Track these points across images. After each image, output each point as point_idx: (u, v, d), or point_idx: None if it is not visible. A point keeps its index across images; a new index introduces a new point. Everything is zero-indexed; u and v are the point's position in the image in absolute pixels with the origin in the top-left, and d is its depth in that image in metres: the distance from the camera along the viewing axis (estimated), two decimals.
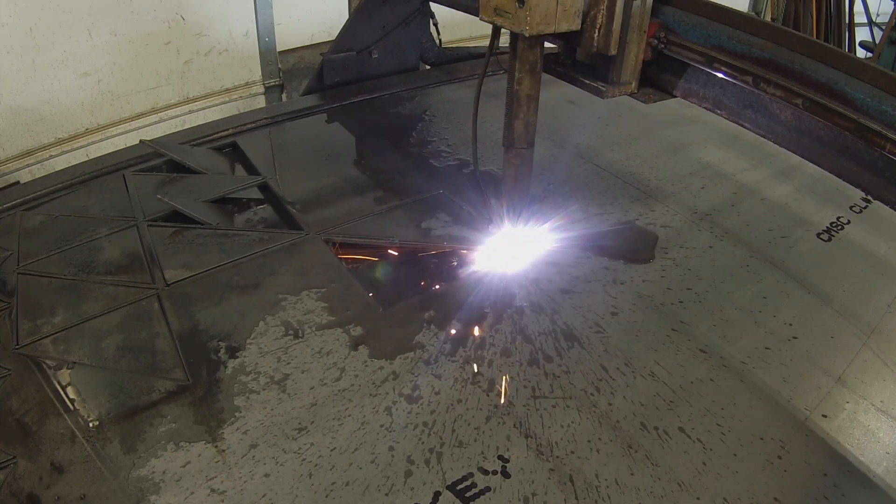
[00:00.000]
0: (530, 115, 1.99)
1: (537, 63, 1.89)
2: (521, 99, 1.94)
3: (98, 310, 1.98)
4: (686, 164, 2.91)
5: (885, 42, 6.00)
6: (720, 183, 2.78)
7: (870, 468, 1.65)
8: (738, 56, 1.79)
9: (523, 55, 1.85)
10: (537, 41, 1.83)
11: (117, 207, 2.45)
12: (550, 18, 1.70)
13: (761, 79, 1.75)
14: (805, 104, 1.68)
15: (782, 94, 1.72)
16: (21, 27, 3.54)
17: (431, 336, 1.93)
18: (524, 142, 2.04)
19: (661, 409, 1.74)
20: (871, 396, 1.84)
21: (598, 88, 1.95)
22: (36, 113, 3.80)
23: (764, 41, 1.76)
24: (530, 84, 1.91)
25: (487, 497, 1.50)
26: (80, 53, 3.82)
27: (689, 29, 1.88)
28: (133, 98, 4.17)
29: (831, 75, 1.65)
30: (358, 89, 3.44)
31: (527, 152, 2.08)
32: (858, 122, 1.59)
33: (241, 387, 1.75)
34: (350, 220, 2.40)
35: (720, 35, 1.82)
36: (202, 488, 1.50)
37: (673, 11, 1.92)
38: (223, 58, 4.46)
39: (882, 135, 1.56)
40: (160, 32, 4.08)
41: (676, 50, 1.92)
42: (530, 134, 2.04)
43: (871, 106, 1.58)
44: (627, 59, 1.86)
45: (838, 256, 2.39)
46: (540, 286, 2.14)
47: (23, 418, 1.67)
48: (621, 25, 1.80)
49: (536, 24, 1.68)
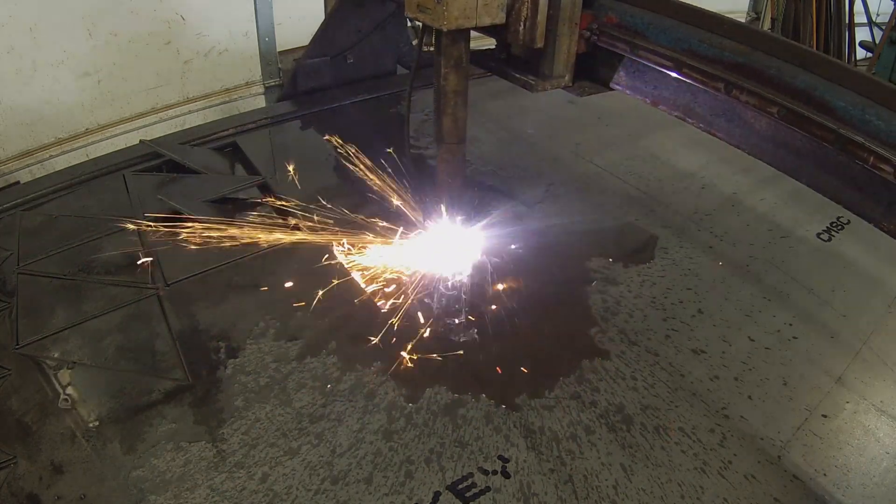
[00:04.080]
0: (458, 111, 1.96)
1: (462, 58, 1.86)
2: (448, 95, 1.92)
3: (98, 310, 1.98)
4: (686, 163, 2.91)
5: (885, 42, 5.99)
6: (720, 183, 2.78)
7: (870, 468, 1.65)
8: (710, 60, 1.66)
9: (447, 51, 1.83)
10: (460, 36, 1.81)
11: (117, 207, 2.45)
12: (470, 13, 1.69)
13: (734, 85, 1.61)
14: (781, 113, 1.54)
15: (756, 101, 1.58)
16: (21, 27, 3.54)
17: (431, 335, 1.93)
18: (454, 137, 2.00)
19: (662, 409, 1.74)
20: (871, 396, 1.84)
21: (528, 82, 1.92)
22: (36, 113, 3.79)
23: (737, 44, 1.64)
24: (456, 80, 1.89)
25: (487, 497, 1.50)
26: (80, 53, 3.81)
27: (658, 32, 1.76)
28: (133, 98, 4.16)
29: (810, 81, 1.52)
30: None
31: (457, 148, 2.03)
32: (839, 133, 1.45)
33: (241, 387, 1.75)
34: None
35: (691, 38, 1.70)
36: (202, 488, 1.50)
37: (632, 10, 1.80)
38: (223, 58, 4.46)
39: (865, 147, 1.42)
40: (160, 32, 4.08)
41: (608, 41, 1.83)
42: (460, 129, 2.00)
43: (853, 115, 1.44)
44: (559, 52, 1.83)
45: (838, 256, 2.39)
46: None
47: (23, 418, 1.67)
48: (549, 18, 1.76)
49: (454, 18, 1.68)
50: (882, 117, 1.41)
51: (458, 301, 2.05)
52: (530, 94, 2.25)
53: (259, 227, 2.24)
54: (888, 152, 1.39)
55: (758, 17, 7.29)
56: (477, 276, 2.15)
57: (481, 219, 2.30)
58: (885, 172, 1.40)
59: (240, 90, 4.64)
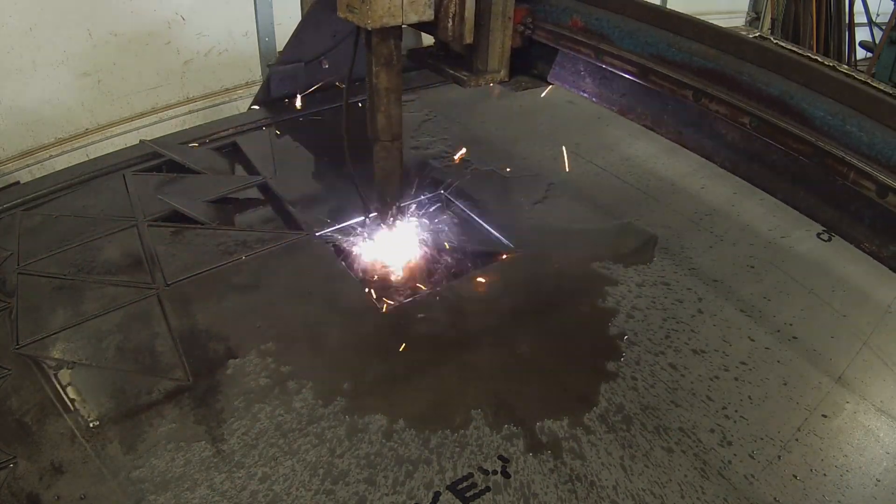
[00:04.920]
0: (392, 108, 1.97)
1: (392, 56, 1.87)
2: (381, 92, 1.93)
3: (98, 310, 1.98)
4: (686, 163, 2.91)
5: (885, 42, 5.99)
6: (720, 183, 2.78)
7: (870, 468, 1.65)
8: (678, 66, 1.52)
9: (377, 49, 1.85)
10: (389, 34, 1.82)
11: (117, 207, 2.45)
12: (395, 11, 1.70)
13: (702, 93, 1.47)
14: (753, 123, 1.41)
15: (726, 111, 1.45)
16: (21, 27, 3.54)
17: (431, 336, 1.93)
18: (388, 135, 2.01)
19: (662, 409, 1.74)
20: (871, 396, 1.84)
21: (460, 78, 1.91)
22: (36, 113, 3.79)
23: (707, 48, 1.50)
24: (387, 77, 1.90)
25: (487, 497, 1.50)
26: (80, 53, 3.81)
27: (625, 36, 1.65)
28: (133, 98, 4.16)
29: (786, 88, 1.38)
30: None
31: (392, 146, 2.05)
32: (816, 146, 1.32)
33: (241, 387, 1.75)
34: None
35: (659, 42, 1.57)
36: (202, 488, 1.50)
37: (598, 12, 1.71)
38: (223, 58, 4.46)
39: (845, 161, 1.29)
40: (160, 32, 4.08)
41: (544, 35, 1.78)
42: (394, 126, 2.01)
43: (832, 125, 1.31)
44: (493, 46, 1.82)
45: (838, 256, 2.39)
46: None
47: (23, 418, 1.67)
48: (479, 13, 1.76)
49: (379, 17, 1.69)
50: (864, 128, 1.29)
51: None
52: (530, 96, 2.25)
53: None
54: (870, 167, 1.27)
55: (758, 17, 7.29)
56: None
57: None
58: (867, 189, 1.29)
59: (240, 90, 4.64)
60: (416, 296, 2.14)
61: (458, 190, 2.61)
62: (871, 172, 1.27)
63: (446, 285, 2.17)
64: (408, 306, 2.06)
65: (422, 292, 2.16)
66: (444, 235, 2.36)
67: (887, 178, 1.25)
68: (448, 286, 2.16)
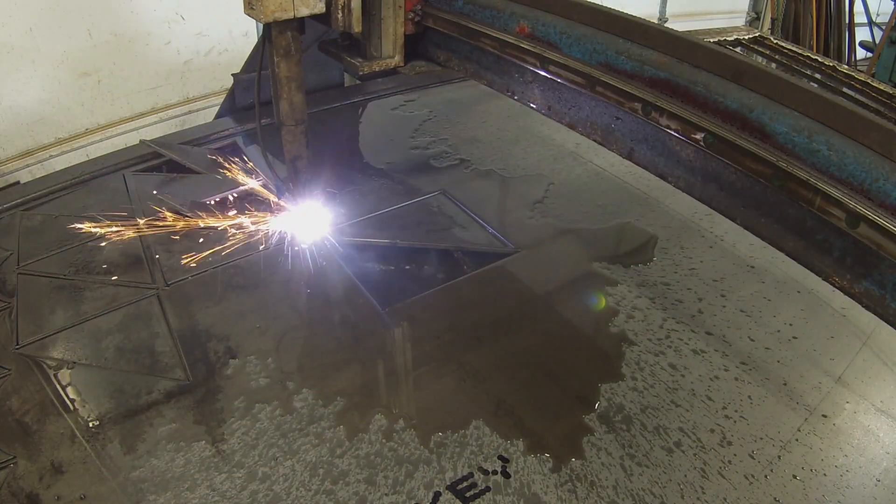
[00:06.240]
0: (293, 95, 2.09)
1: (290, 47, 1.98)
2: (282, 81, 2.05)
3: (98, 310, 1.98)
4: None
5: (885, 42, 5.99)
6: None
7: (870, 468, 1.65)
8: (628, 76, 1.35)
9: (276, 41, 1.96)
10: (286, 27, 1.92)
11: (117, 207, 2.45)
12: (287, 5, 1.82)
13: (652, 106, 1.31)
14: (707, 140, 1.25)
15: (677, 126, 1.28)
16: (21, 27, 3.54)
17: (431, 335, 1.93)
18: (292, 119, 2.13)
19: (662, 409, 1.74)
20: (871, 396, 1.84)
21: (354, 64, 2.00)
22: (36, 113, 3.80)
23: (661, 55, 1.34)
24: (287, 67, 2.01)
25: (487, 497, 1.50)
26: (80, 53, 3.82)
27: (571, 43, 1.50)
28: (133, 98, 4.17)
29: (746, 100, 1.20)
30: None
31: (297, 129, 2.16)
32: (777, 167, 1.14)
33: (241, 387, 1.75)
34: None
35: (608, 49, 1.40)
36: (202, 488, 1.50)
37: (545, 17, 1.59)
38: (223, 58, 4.47)
39: (809, 185, 1.10)
40: (160, 32, 4.09)
41: (433, 22, 1.84)
42: (297, 111, 2.12)
43: (797, 143, 1.12)
44: (386, 33, 1.93)
45: None
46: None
47: (23, 418, 1.67)
48: (369, 2, 1.84)
49: (271, 12, 1.81)
50: (833, 146, 1.10)
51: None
52: None
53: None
54: (839, 191, 1.08)
55: (758, 17, 7.29)
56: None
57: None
58: (835, 218, 1.11)
59: None
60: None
61: (458, 189, 2.61)
62: (839, 199, 1.10)
63: (446, 285, 2.18)
64: (408, 306, 2.06)
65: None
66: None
67: (859, 204, 1.07)
68: (448, 286, 2.16)
